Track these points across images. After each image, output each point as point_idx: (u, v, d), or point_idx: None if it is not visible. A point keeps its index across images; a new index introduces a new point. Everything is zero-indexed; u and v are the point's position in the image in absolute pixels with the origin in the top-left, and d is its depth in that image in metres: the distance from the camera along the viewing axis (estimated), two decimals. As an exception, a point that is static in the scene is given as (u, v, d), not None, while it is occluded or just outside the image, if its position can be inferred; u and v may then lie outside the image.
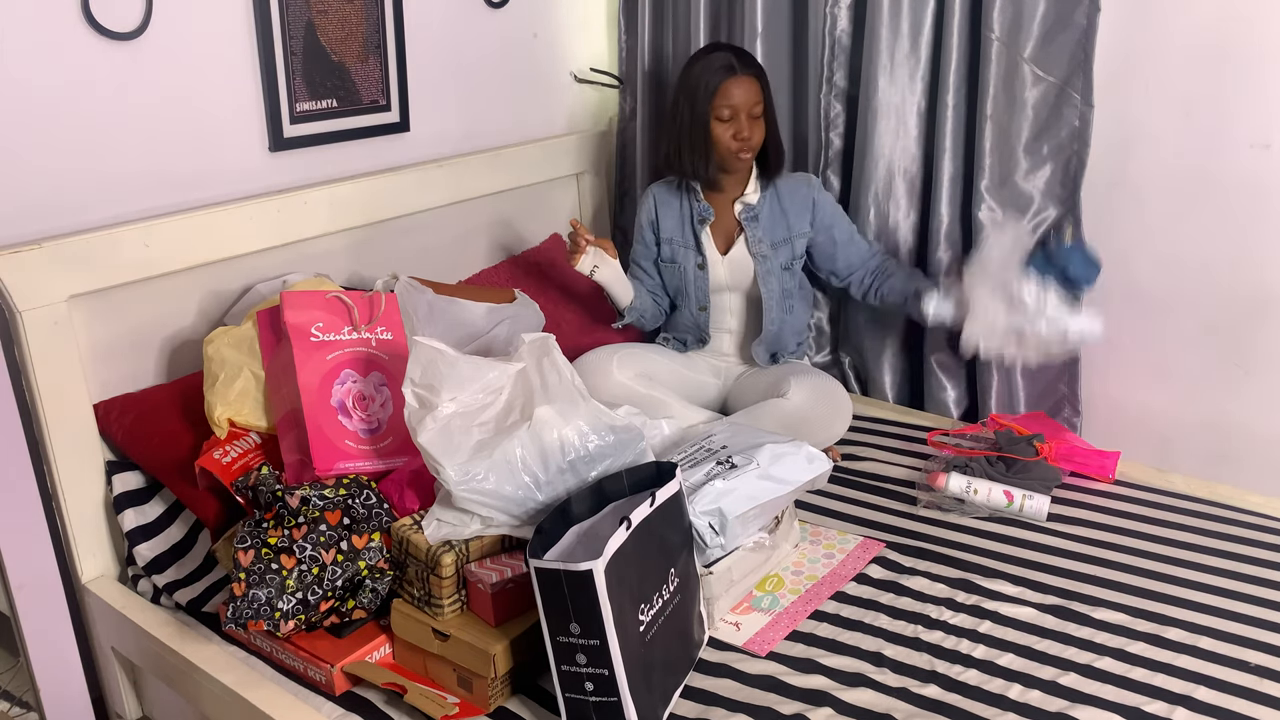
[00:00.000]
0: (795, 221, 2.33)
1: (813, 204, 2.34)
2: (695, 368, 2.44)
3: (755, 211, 2.31)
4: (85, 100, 1.85)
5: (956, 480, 2.02)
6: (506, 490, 1.57)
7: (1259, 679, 1.53)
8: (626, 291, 2.34)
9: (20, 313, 1.74)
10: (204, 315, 2.06)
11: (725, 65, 2.19)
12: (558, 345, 1.72)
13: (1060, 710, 1.48)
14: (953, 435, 2.23)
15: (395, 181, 2.32)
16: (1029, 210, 2.31)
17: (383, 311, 1.91)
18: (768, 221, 2.32)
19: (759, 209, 2.32)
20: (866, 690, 1.53)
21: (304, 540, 1.59)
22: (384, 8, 2.28)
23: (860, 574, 1.83)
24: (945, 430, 2.27)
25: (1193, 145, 2.15)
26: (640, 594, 1.44)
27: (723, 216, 2.34)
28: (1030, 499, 1.99)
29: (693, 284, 2.37)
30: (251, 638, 1.69)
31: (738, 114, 2.19)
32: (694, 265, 2.35)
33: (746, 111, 2.20)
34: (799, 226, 2.34)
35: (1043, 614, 1.70)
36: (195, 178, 2.04)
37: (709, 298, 2.37)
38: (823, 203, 2.36)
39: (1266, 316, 2.15)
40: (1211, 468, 2.22)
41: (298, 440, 1.76)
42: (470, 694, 1.55)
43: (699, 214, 2.34)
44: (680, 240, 2.36)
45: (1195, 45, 2.10)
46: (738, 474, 1.72)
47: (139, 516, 1.88)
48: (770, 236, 2.32)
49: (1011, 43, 2.22)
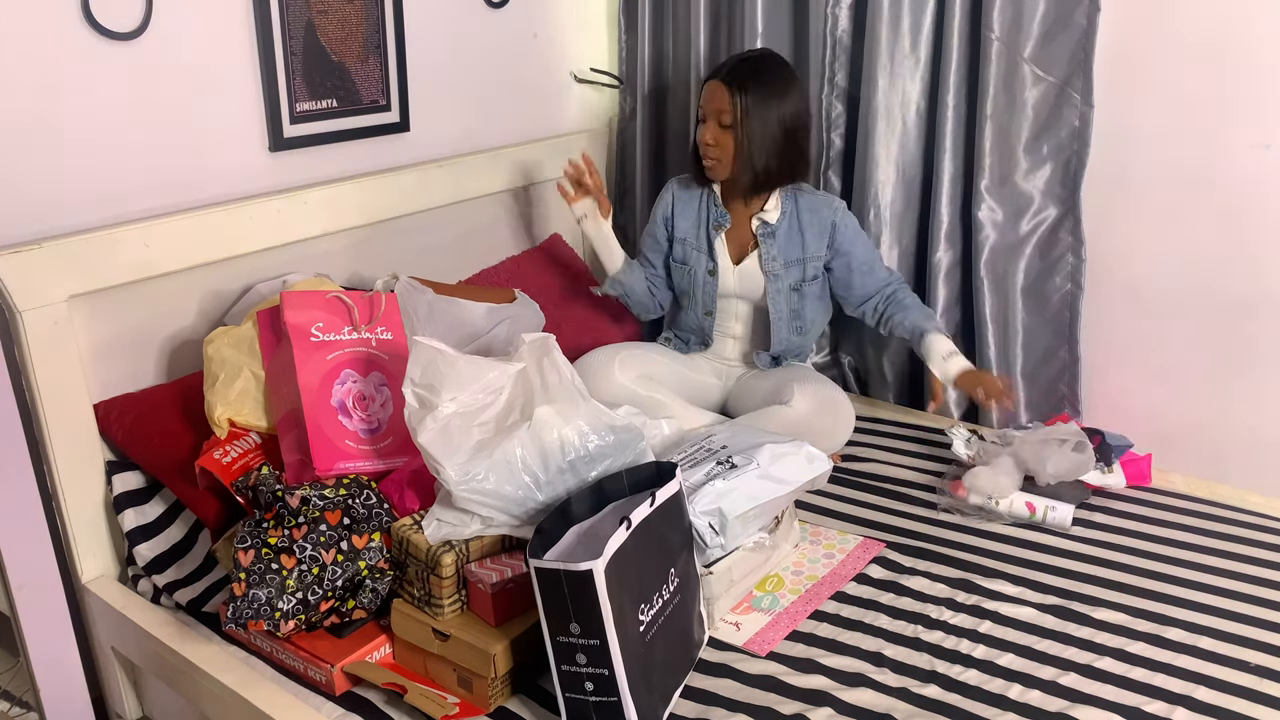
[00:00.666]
0: (812, 243, 2.28)
1: (832, 226, 2.27)
2: (697, 369, 2.43)
3: (772, 229, 2.27)
4: (85, 100, 1.85)
5: (978, 490, 2.00)
6: (506, 490, 1.57)
7: (1259, 679, 1.54)
8: (614, 258, 2.33)
9: (20, 313, 1.74)
10: (204, 315, 2.06)
11: (716, 69, 2.20)
12: (558, 345, 1.72)
13: (1060, 710, 1.48)
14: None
15: (395, 181, 2.32)
16: (1029, 210, 2.32)
17: (383, 311, 1.91)
18: (784, 241, 2.27)
19: (776, 227, 2.27)
20: (866, 690, 1.53)
21: (304, 540, 1.59)
22: (384, 8, 2.28)
23: (860, 574, 1.83)
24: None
25: (1193, 145, 2.15)
26: (640, 594, 1.44)
27: (739, 226, 2.31)
28: (1053, 510, 1.96)
29: (701, 289, 2.35)
30: (251, 638, 1.69)
31: (707, 118, 2.18)
32: (704, 270, 2.33)
33: (714, 118, 2.16)
34: (815, 249, 2.28)
35: (1043, 614, 1.70)
36: (195, 178, 2.04)
37: (716, 304, 2.36)
38: (843, 226, 2.28)
39: (1266, 316, 2.15)
40: (1211, 468, 2.22)
41: (298, 440, 1.76)
42: (470, 694, 1.55)
43: (715, 219, 2.31)
44: (694, 243, 2.34)
45: (1195, 45, 2.10)
46: (738, 474, 1.72)
47: (139, 516, 1.88)
48: (784, 255, 2.28)
49: (1011, 43, 2.22)
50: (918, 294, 2.40)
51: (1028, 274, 2.36)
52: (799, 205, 2.28)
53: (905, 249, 2.51)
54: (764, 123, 2.15)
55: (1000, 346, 2.38)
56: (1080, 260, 2.31)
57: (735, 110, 2.13)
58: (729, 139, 2.17)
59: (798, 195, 2.29)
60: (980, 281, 2.36)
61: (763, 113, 2.14)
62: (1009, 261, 2.35)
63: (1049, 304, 2.36)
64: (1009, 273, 2.36)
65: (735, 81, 2.14)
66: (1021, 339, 2.38)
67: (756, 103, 2.13)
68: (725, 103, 2.14)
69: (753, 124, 2.14)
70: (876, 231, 2.48)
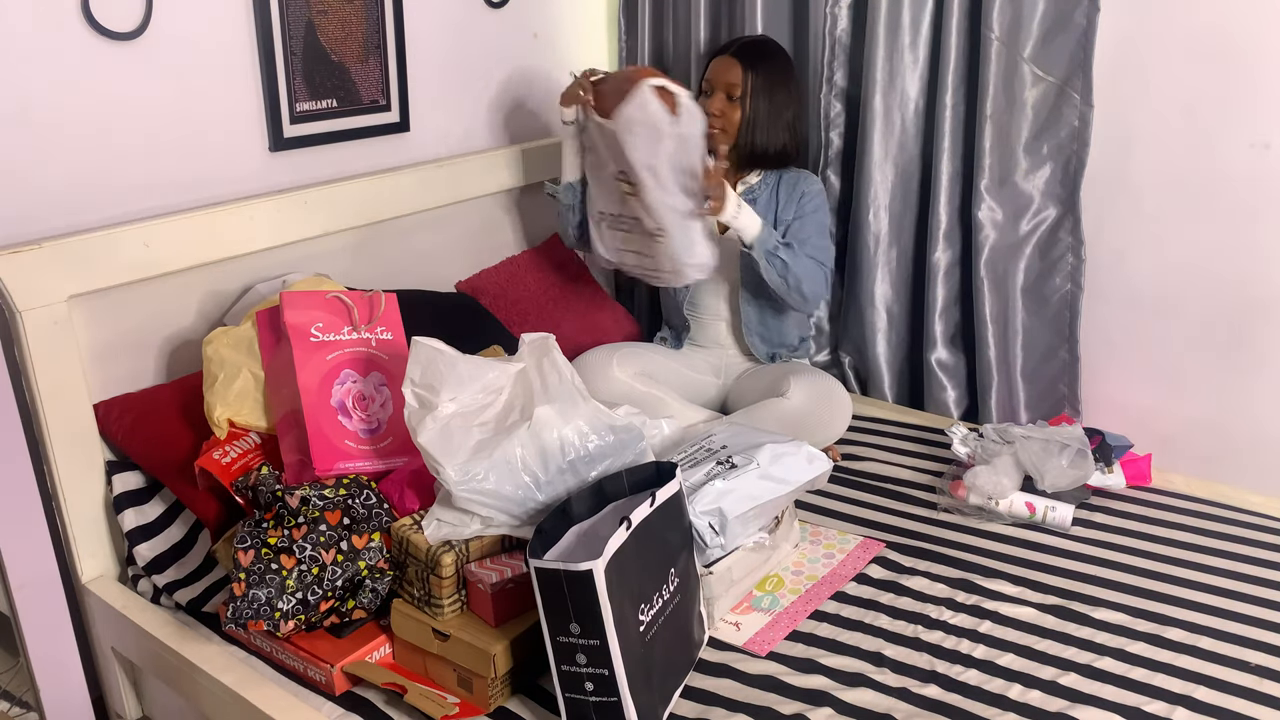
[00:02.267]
0: (783, 210, 2.30)
1: (802, 195, 2.29)
2: (695, 366, 2.44)
3: (754, 195, 2.30)
4: (85, 100, 1.85)
5: (978, 490, 2.00)
6: (506, 490, 1.57)
7: (1259, 679, 1.54)
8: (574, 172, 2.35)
9: (20, 313, 1.74)
10: (204, 315, 2.06)
11: (725, 45, 2.28)
12: (557, 345, 1.72)
13: (1060, 710, 1.48)
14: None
15: (395, 181, 2.32)
16: (1029, 210, 2.32)
17: (383, 311, 1.91)
18: (762, 209, 2.28)
19: (758, 194, 2.30)
20: (866, 690, 1.53)
21: (304, 540, 1.59)
22: (384, 8, 2.28)
23: (860, 574, 1.83)
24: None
25: (1193, 145, 2.15)
26: (640, 594, 1.44)
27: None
28: (1053, 510, 1.96)
29: None
30: (251, 638, 1.69)
31: (715, 90, 2.24)
32: None
33: (724, 90, 2.23)
34: (785, 214, 2.29)
35: (1043, 614, 1.70)
36: (195, 177, 2.04)
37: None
38: (810, 194, 2.29)
39: (1266, 316, 2.15)
40: (1211, 468, 2.22)
41: (298, 440, 1.76)
42: (470, 694, 1.55)
43: None
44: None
45: (1195, 45, 2.10)
46: (738, 474, 1.72)
47: (139, 516, 1.88)
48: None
49: (1011, 42, 2.22)
50: (917, 294, 2.39)
51: (1028, 274, 2.36)
52: (782, 179, 2.32)
53: (904, 249, 2.51)
54: (771, 100, 2.24)
55: (1000, 346, 2.39)
56: (1080, 260, 2.31)
57: (746, 84, 2.22)
58: (735, 111, 2.24)
59: (782, 173, 2.33)
60: (980, 281, 2.36)
61: (770, 91, 2.24)
62: (1009, 261, 2.35)
63: (1049, 304, 2.36)
64: (1009, 273, 2.36)
65: (747, 58, 2.23)
66: (1021, 339, 2.38)
67: (766, 80, 2.23)
68: (737, 76, 2.22)
69: (760, 100, 2.23)
70: (876, 231, 2.48)
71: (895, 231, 2.49)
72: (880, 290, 2.53)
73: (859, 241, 2.51)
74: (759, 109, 2.23)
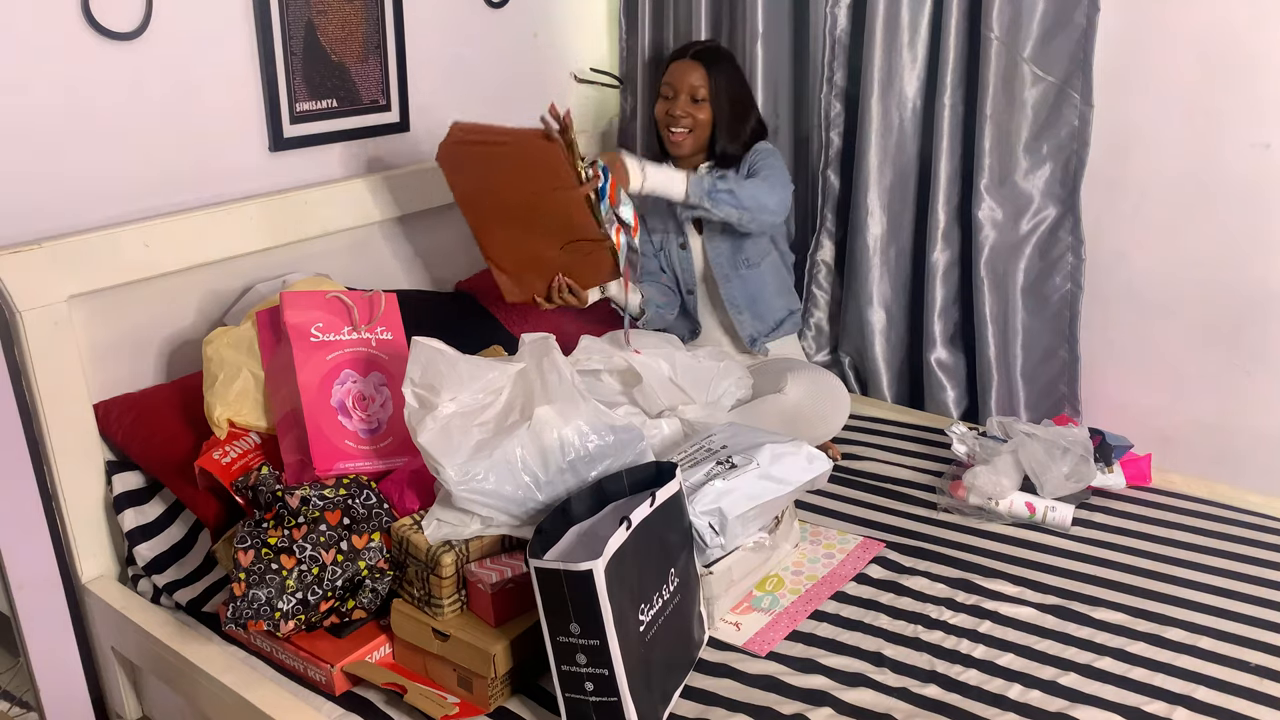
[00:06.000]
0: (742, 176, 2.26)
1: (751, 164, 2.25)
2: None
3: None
4: (85, 100, 1.85)
5: (978, 490, 2.00)
6: (506, 490, 1.57)
7: (1259, 679, 1.54)
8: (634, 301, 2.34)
9: (20, 313, 1.74)
10: (204, 315, 2.06)
11: (682, 50, 2.29)
12: (558, 345, 1.72)
13: (1060, 710, 1.48)
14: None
15: (395, 181, 2.32)
16: (1029, 210, 2.32)
17: (383, 311, 1.91)
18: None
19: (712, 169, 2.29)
20: (866, 690, 1.53)
21: (304, 540, 1.59)
22: (384, 8, 2.28)
23: (860, 574, 1.83)
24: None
25: (1193, 145, 2.15)
26: (640, 594, 1.44)
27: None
28: (1053, 510, 1.96)
29: (678, 265, 2.38)
30: (251, 638, 1.69)
31: (678, 93, 2.25)
32: (677, 246, 2.36)
33: (686, 93, 2.24)
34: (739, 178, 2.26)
35: (1043, 614, 1.70)
36: (195, 178, 2.04)
37: (696, 282, 2.38)
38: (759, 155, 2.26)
39: (1266, 316, 2.15)
40: (1211, 468, 2.22)
41: (298, 440, 1.76)
42: (470, 694, 1.55)
43: None
44: (662, 226, 2.37)
45: (1195, 45, 2.10)
46: (738, 474, 1.72)
47: (139, 516, 1.88)
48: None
49: (1011, 42, 2.22)
50: (916, 293, 2.39)
51: (1027, 274, 2.36)
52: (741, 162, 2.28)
53: (903, 248, 2.51)
54: (734, 98, 2.27)
55: (1000, 346, 2.39)
56: (1080, 260, 2.31)
57: (712, 86, 2.24)
58: (702, 112, 2.25)
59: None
60: (980, 281, 2.36)
61: (731, 90, 2.27)
62: (1009, 261, 2.35)
63: (1049, 304, 2.36)
64: (1009, 272, 2.36)
65: (708, 61, 2.25)
66: (1021, 339, 2.38)
67: (727, 81, 2.27)
68: (701, 79, 2.24)
69: (723, 101, 2.25)
70: (875, 231, 2.48)
71: (894, 231, 2.49)
72: (880, 290, 2.53)
73: (858, 241, 2.51)
74: (722, 109, 2.25)
